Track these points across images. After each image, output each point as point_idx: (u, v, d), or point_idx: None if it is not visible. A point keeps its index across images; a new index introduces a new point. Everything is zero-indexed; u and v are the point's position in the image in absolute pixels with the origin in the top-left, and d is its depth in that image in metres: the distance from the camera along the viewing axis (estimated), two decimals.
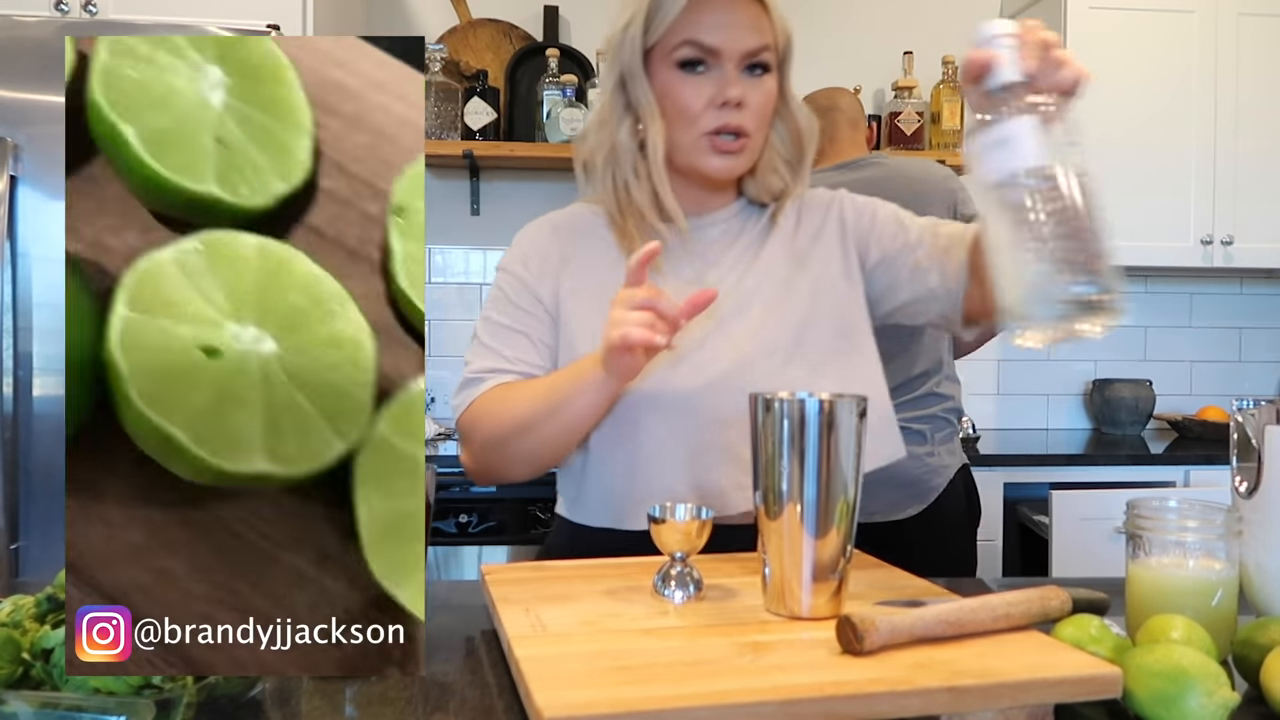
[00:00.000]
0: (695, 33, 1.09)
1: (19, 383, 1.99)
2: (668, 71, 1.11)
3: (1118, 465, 2.63)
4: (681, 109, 1.11)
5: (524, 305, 1.17)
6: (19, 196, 1.98)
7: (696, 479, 1.12)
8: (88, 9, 2.22)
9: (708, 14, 1.09)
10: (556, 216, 1.24)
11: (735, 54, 1.10)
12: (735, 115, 1.10)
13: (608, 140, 1.15)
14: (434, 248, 2.92)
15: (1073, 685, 0.72)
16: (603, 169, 1.17)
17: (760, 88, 1.12)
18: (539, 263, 1.19)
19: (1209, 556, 0.89)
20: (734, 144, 1.12)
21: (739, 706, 0.66)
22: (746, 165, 1.16)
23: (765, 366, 1.13)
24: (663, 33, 1.10)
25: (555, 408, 1.07)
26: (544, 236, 1.21)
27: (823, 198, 1.26)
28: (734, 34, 1.09)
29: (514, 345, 1.16)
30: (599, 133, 1.16)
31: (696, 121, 1.11)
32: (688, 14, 1.09)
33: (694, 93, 1.10)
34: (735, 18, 1.10)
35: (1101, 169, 2.78)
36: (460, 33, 2.90)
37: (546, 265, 1.18)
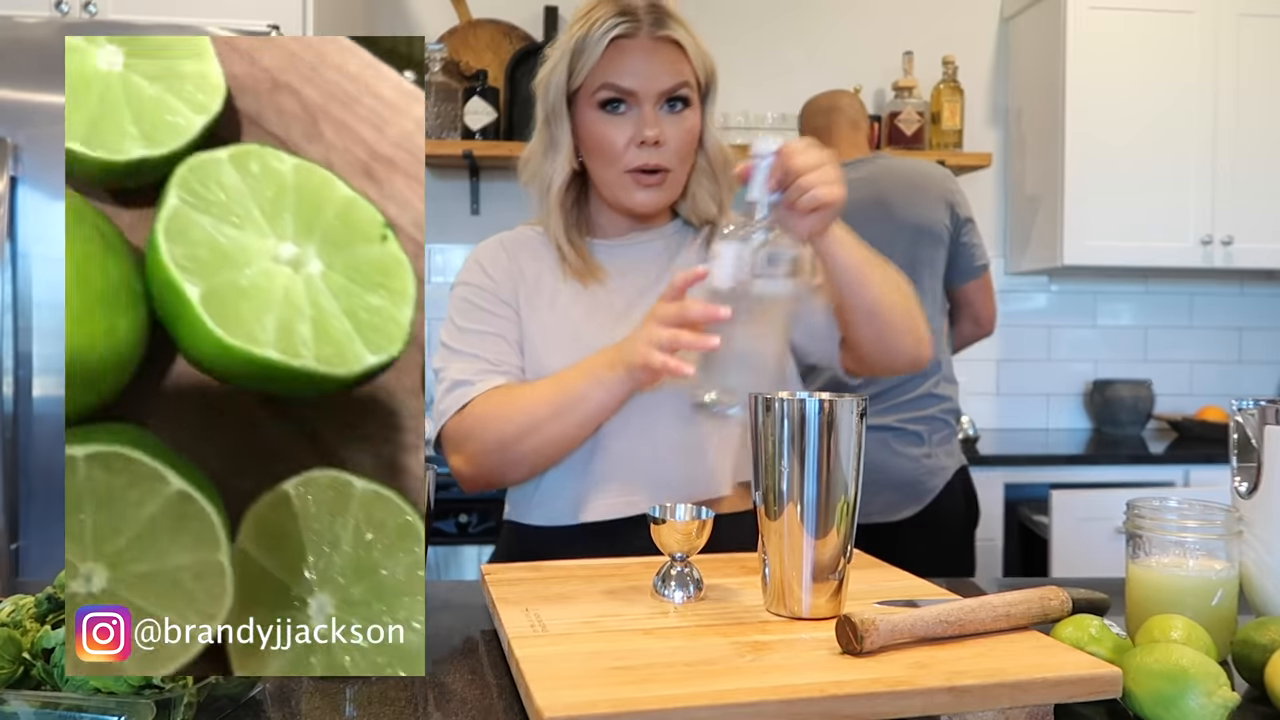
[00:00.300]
0: (614, 77, 1.16)
1: (19, 383, 1.98)
2: (591, 112, 1.18)
3: (1118, 465, 2.63)
4: (604, 148, 1.17)
5: (493, 309, 1.22)
6: (19, 196, 1.98)
7: (650, 472, 1.16)
8: (88, 9, 2.22)
9: (625, 60, 1.16)
10: (504, 236, 1.29)
11: (652, 95, 1.16)
12: (654, 153, 1.17)
13: (538, 171, 1.23)
14: (434, 248, 2.92)
15: (1073, 685, 0.72)
16: (539, 199, 1.24)
17: (680, 124, 1.18)
18: (500, 270, 1.24)
19: (1209, 556, 0.89)
20: (654, 179, 1.18)
21: (739, 706, 0.66)
22: (669, 198, 1.22)
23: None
24: (584, 77, 1.17)
25: (569, 406, 1.10)
26: (497, 250, 1.27)
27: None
28: (650, 78, 1.16)
29: (494, 348, 1.20)
30: (529, 165, 1.25)
31: (619, 159, 1.17)
32: (606, 60, 1.16)
33: (615, 132, 1.17)
34: (651, 62, 1.16)
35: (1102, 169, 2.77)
36: (460, 33, 2.90)
37: (506, 273, 1.24)
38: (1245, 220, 2.82)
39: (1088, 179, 2.77)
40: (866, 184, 2.08)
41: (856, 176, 2.10)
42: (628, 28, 1.15)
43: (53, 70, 1.96)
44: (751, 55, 3.00)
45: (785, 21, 3.02)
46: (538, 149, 1.23)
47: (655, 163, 1.17)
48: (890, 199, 2.06)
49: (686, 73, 1.18)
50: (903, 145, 2.88)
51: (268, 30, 2.10)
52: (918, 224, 2.04)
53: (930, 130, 2.92)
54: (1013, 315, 3.11)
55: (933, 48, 2.99)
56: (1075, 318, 3.18)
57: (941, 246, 2.08)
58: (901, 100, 2.90)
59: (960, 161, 2.87)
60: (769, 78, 2.98)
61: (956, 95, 2.92)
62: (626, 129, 1.16)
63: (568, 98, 1.19)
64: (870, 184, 2.08)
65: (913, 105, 2.88)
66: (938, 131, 2.92)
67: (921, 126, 2.89)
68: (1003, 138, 3.13)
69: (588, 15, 1.17)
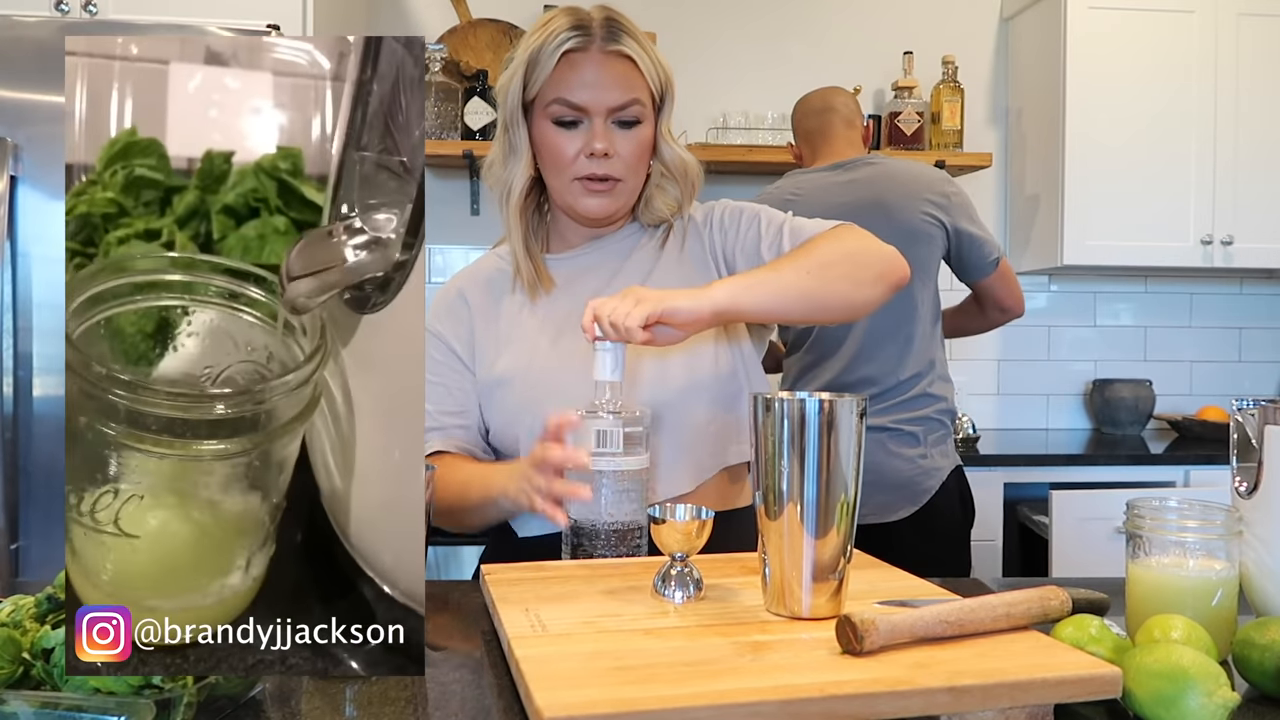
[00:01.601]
0: (565, 91, 1.18)
1: (19, 383, 1.98)
2: (544, 123, 1.21)
3: (1118, 465, 2.63)
4: (554, 157, 1.21)
5: (437, 356, 1.27)
6: (19, 196, 1.98)
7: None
8: (88, 9, 2.22)
9: (577, 73, 1.18)
10: (463, 273, 1.34)
11: (601, 109, 1.19)
12: (603, 164, 1.20)
13: (500, 177, 1.26)
14: (434, 248, 2.92)
15: (1073, 685, 0.72)
16: (500, 204, 1.27)
17: (631, 138, 1.21)
18: (448, 321, 1.29)
19: (1209, 556, 0.89)
20: (603, 186, 1.21)
21: (739, 706, 0.66)
22: (620, 205, 1.25)
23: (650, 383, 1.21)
24: (539, 88, 1.20)
25: (479, 510, 1.17)
26: (451, 295, 1.31)
27: (702, 214, 1.33)
28: (601, 93, 1.18)
29: (436, 399, 1.25)
30: (492, 170, 1.27)
31: (568, 169, 1.21)
32: (559, 73, 1.18)
33: (566, 142, 1.20)
34: (602, 76, 1.18)
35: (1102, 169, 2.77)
36: (460, 33, 2.90)
37: (450, 314, 1.29)
38: (1245, 220, 2.82)
39: (1088, 179, 2.77)
40: (863, 185, 2.08)
41: (853, 178, 2.09)
42: (579, 41, 1.18)
43: (53, 70, 1.96)
44: (751, 55, 3.00)
45: (785, 21, 3.02)
46: (498, 155, 1.26)
47: (604, 172, 1.20)
48: (886, 200, 2.06)
49: (638, 87, 1.20)
50: (903, 145, 2.88)
51: (267, 30, 2.10)
52: (912, 225, 2.04)
53: (930, 130, 2.92)
54: None
55: (933, 48, 2.99)
56: (1075, 317, 3.18)
57: (937, 249, 2.07)
58: (901, 100, 2.90)
59: (960, 161, 2.87)
60: (768, 78, 2.97)
61: (956, 95, 2.92)
62: (577, 141, 1.20)
63: (524, 106, 1.22)
64: (867, 185, 2.08)
65: (913, 105, 2.88)
66: (938, 131, 2.92)
67: (921, 126, 2.89)
68: (1003, 138, 3.13)
69: (545, 26, 1.20)
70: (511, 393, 1.22)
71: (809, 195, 2.09)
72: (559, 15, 1.20)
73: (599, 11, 1.20)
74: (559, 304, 1.26)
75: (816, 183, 2.11)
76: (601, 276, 1.27)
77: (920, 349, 2.05)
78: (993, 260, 2.14)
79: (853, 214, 2.06)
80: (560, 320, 1.24)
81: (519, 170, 1.23)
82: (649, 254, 1.29)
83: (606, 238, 1.30)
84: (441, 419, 1.24)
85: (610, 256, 1.29)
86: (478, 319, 1.28)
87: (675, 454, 1.20)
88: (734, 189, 1.30)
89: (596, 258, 1.29)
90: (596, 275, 1.27)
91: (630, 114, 1.20)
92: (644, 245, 1.30)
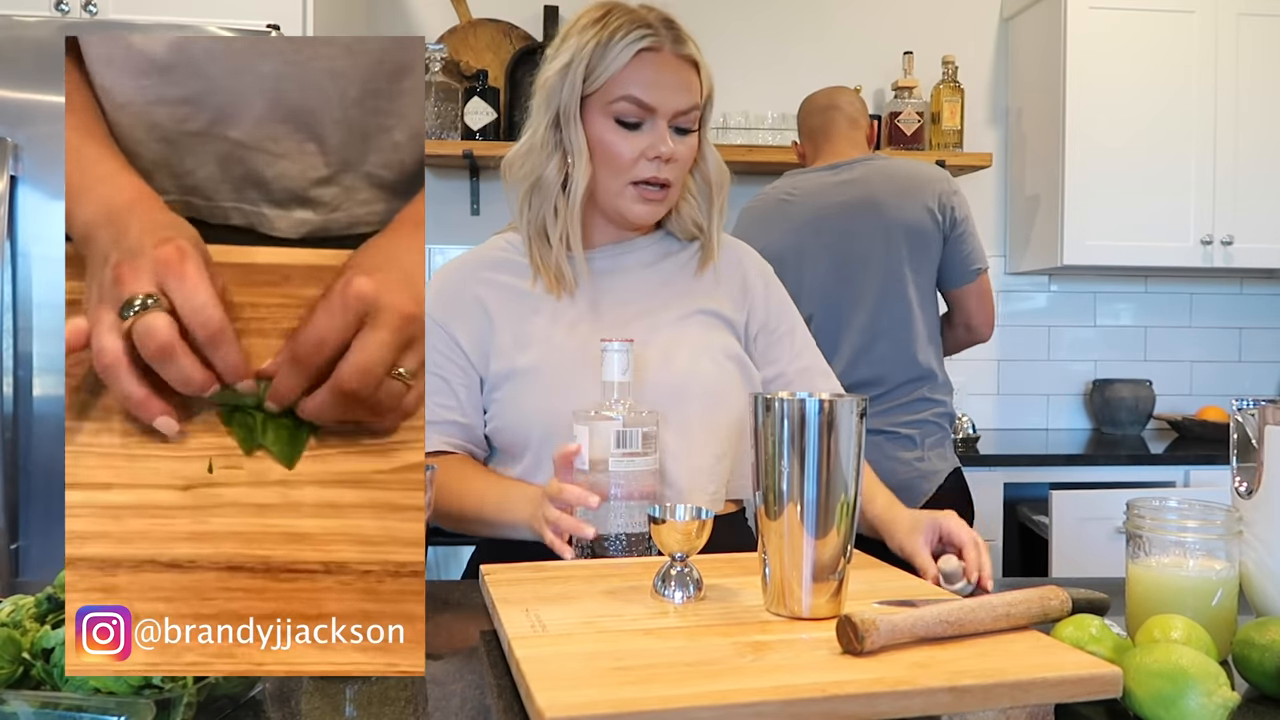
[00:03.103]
0: (636, 90, 1.16)
1: (19, 383, 1.98)
2: (604, 120, 1.17)
3: (1118, 465, 2.63)
4: (614, 158, 1.18)
5: (440, 348, 1.23)
6: (19, 196, 1.98)
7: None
8: (88, 9, 2.22)
9: (651, 72, 1.16)
10: (469, 255, 1.30)
11: (669, 112, 1.17)
12: (664, 169, 1.18)
13: (535, 171, 1.21)
14: (434, 247, 2.92)
15: (1073, 685, 0.72)
16: (524, 198, 1.22)
17: (687, 145, 1.20)
18: (449, 303, 1.24)
19: (1209, 556, 0.89)
20: (658, 194, 1.20)
21: (740, 706, 0.66)
22: (665, 212, 1.25)
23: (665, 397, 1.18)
24: (602, 84, 1.16)
25: (486, 523, 1.16)
26: (454, 277, 1.27)
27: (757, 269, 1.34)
28: (669, 94, 1.16)
29: (431, 391, 1.20)
30: (526, 161, 1.22)
31: (626, 171, 1.18)
32: (628, 70, 1.15)
33: (628, 145, 1.17)
34: (671, 78, 1.17)
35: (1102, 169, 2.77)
36: (460, 33, 2.90)
37: (459, 304, 1.24)
38: (1245, 220, 2.82)
39: (1088, 179, 2.77)
40: (859, 184, 2.08)
41: (848, 178, 2.09)
42: (653, 40, 1.15)
43: (53, 70, 1.95)
44: (751, 55, 3.00)
45: (785, 21, 3.02)
46: (534, 149, 1.21)
47: (664, 178, 1.18)
48: (877, 198, 2.05)
49: (697, 94, 1.19)
50: (903, 145, 2.88)
51: (268, 30, 2.10)
52: (908, 224, 2.03)
53: (930, 130, 2.92)
54: (1013, 315, 3.11)
55: (933, 48, 2.99)
56: (1075, 318, 3.18)
57: (933, 247, 2.06)
58: (901, 100, 2.89)
59: (960, 161, 2.87)
60: (769, 77, 2.97)
61: (956, 95, 2.92)
62: (639, 142, 1.17)
63: (580, 101, 1.18)
64: (863, 184, 2.08)
65: (913, 105, 2.88)
66: (938, 131, 2.92)
67: (921, 126, 2.89)
68: (1003, 138, 3.13)
69: (603, 21, 1.16)
70: (526, 388, 1.19)
71: (804, 195, 2.08)
72: (617, 11, 1.17)
73: (654, 12, 1.18)
74: (580, 301, 1.23)
75: (812, 183, 2.11)
76: (627, 281, 1.26)
77: (918, 353, 2.05)
78: (974, 270, 2.11)
79: (846, 214, 2.07)
80: (579, 317, 1.22)
81: (580, 170, 1.18)
82: (681, 270, 1.28)
83: (633, 240, 1.28)
84: (439, 413, 1.21)
85: (638, 261, 1.27)
86: (492, 312, 1.23)
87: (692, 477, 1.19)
88: (734, 188, 1.30)
89: (623, 260, 1.27)
90: (623, 279, 1.25)
91: (690, 120, 1.19)
92: (674, 257, 1.29)
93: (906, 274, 2.04)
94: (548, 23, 2.94)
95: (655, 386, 1.17)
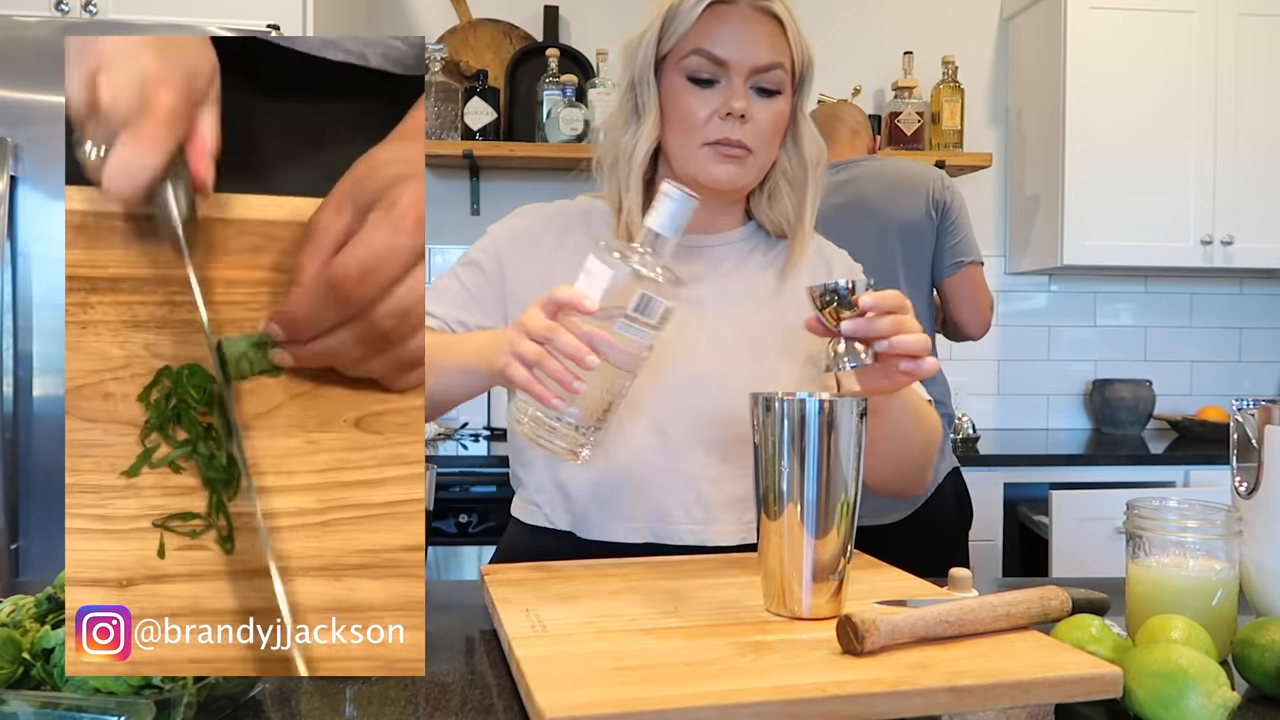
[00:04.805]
0: (707, 43, 1.08)
1: (19, 383, 1.98)
2: (677, 79, 1.10)
3: (1118, 465, 2.63)
4: (684, 117, 1.09)
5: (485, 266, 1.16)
6: (19, 196, 1.98)
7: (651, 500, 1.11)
8: (88, 9, 2.22)
9: (720, 26, 1.08)
10: (562, 204, 1.22)
11: (744, 67, 1.08)
12: (737, 129, 1.08)
13: (615, 143, 1.15)
14: (434, 247, 2.92)
15: (1073, 685, 0.72)
16: (608, 172, 1.16)
17: (769, 108, 1.10)
18: (524, 243, 1.17)
19: (1209, 556, 0.89)
20: (735, 151, 1.09)
21: (740, 706, 0.66)
22: (750, 179, 1.13)
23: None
24: (675, 41, 1.09)
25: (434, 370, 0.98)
26: (541, 221, 1.20)
27: (821, 253, 1.24)
28: (745, 48, 1.08)
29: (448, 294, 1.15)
30: (609, 135, 1.16)
31: (699, 131, 1.09)
32: (701, 25, 1.08)
33: (699, 102, 1.09)
34: (747, 32, 1.08)
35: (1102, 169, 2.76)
36: (460, 33, 2.90)
37: (533, 248, 1.16)
38: (1245, 220, 2.82)
39: (1088, 179, 2.77)
40: (852, 185, 2.08)
41: (843, 178, 2.09)
42: None
43: (53, 70, 1.95)
44: None
45: None
46: (618, 121, 1.15)
47: (738, 138, 1.08)
48: (870, 198, 2.05)
49: (782, 52, 1.10)
50: (903, 145, 2.88)
51: (268, 30, 2.10)
52: (901, 223, 2.03)
53: (930, 130, 2.92)
54: (1013, 315, 3.11)
55: (933, 48, 2.99)
56: (1075, 317, 3.18)
57: (926, 244, 2.07)
58: (901, 100, 2.89)
59: (960, 161, 2.87)
60: None
61: (956, 95, 2.92)
62: (711, 101, 1.08)
63: (656, 63, 1.11)
64: (855, 185, 2.08)
65: (913, 105, 2.88)
66: (938, 131, 2.92)
67: (921, 126, 2.89)
68: (1003, 138, 3.13)
69: None
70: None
71: None
72: None
73: None
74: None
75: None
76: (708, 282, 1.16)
77: None
78: (957, 261, 2.10)
79: (838, 215, 2.07)
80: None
81: (645, 131, 1.11)
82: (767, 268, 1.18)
83: (717, 235, 1.18)
84: (445, 314, 1.13)
85: (721, 259, 1.18)
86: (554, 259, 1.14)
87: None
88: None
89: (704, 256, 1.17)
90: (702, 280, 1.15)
91: (772, 80, 1.09)
92: (762, 253, 1.19)
93: (900, 273, 2.04)
94: (548, 23, 2.95)
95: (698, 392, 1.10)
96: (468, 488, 2.37)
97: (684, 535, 1.11)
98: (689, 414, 1.11)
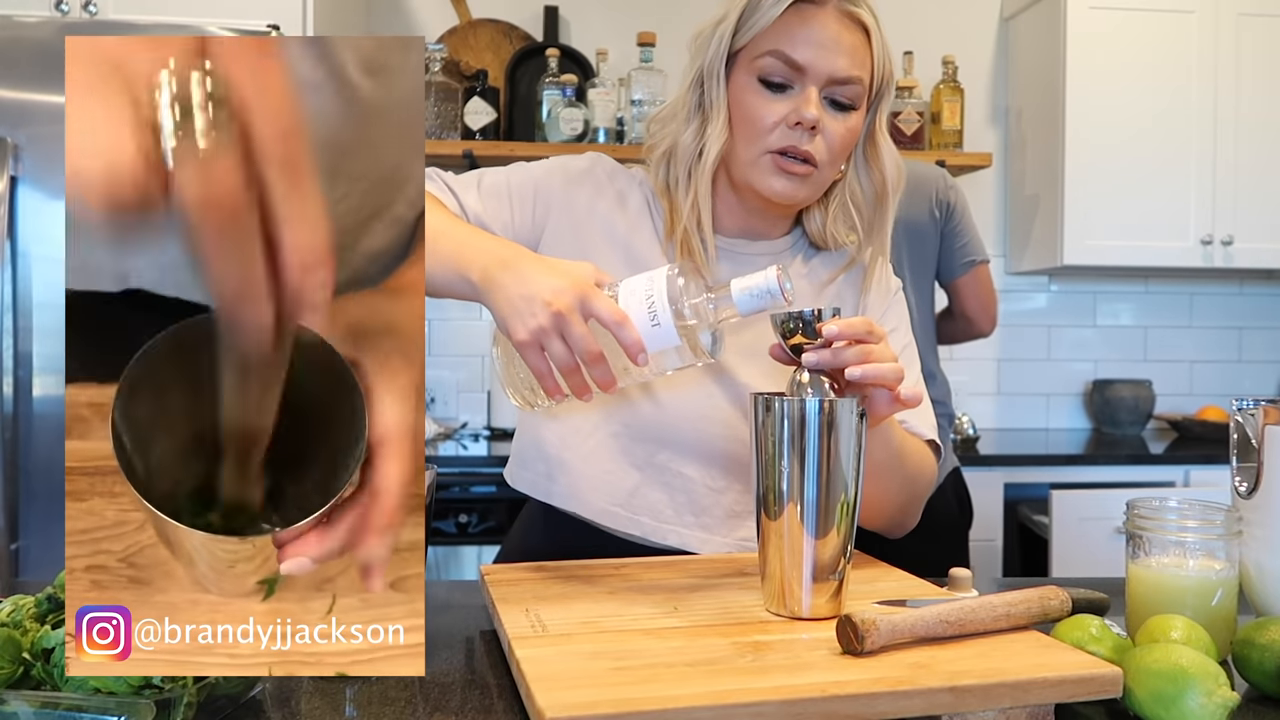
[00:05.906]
0: (784, 44, 1.00)
1: (19, 383, 1.98)
2: (748, 79, 1.03)
3: (1118, 465, 2.63)
4: (751, 120, 1.02)
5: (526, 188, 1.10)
6: (19, 196, 1.98)
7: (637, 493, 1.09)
8: (88, 9, 2.22)
9: (803, 28, 1.00)
10: (612, 166, 1.15)
11: (821, 75, 1.00)
12: (806, 139, 1.01)
13: (672, 136, 1.08)
14: None
15: (1073, 685, 0.72)
16: (658, 162, 1.10)
17: (842, 123, 1.03)
18: (560, 191, 1.11)
19: (1209, 556, 0.89)
20: (800, 167, 1.02)
21: (740, 706, 0.66)
22: (808, 196, 1.07)
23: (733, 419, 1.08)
24: (752, 37, 1.02)
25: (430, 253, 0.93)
26: (588, 179, 1.13)
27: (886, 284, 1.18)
28: (826, 56, 1.00)
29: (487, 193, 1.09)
30: (666, 125, 1.10)
31: (763, 137, 1.02)
32: (782, 23, 1.00)
33: (768, 107, 1.01)
34: (831, 39, 1.00)
35: (1102, 169, 2.76)
36: (460, 33, 2.90)
37: (568, 200, 1.11)
38: (1245, 220, 2.82)
39: (1088, 179, 2.77)
40: None
41: None
42: None
43: (53, 70, 1.96)
44: None
45: None
46: (674, 113, 1.08)
47: (805, 150, 1.01)
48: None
49: (864, 65, 1.02)
50: (903, 145, 2.88)
51: (268, 30, 2.10)
52: (905, 225, 2.03)
53: (930, 130, 2.92)
54: (1013, 315, 3.11)
55: (933, 48, 2.99)
56: (1075, 318, 3.18)
57: (930, 245, 2.07)
58: (901, 100, 2.89)
59: (960, 161, 2.87)
60: None
61: (956, 95, 2.92)
62: (781, 107, 1.01)
63: (728, 58, 1.04)
64: None
65: (913, 105, 2.88)
66: (938, 131, 2.92)
67: (921, 126, 2.89)
68: (1003, 138, 3.13)
69: None
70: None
71: None
72: None
73: None
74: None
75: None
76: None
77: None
78: (967, 261, 2.12)
79: None
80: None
81: (713, 134, 1.03)
82: (801, 279, 1.11)
83: (763, 242, 1.12)
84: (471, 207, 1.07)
85: (761, 260, 1.08)
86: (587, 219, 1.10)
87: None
88: None
89: (746, 263, 1.07)
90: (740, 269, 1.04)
91: (849, 94, 1.02)
92: (801, 261, 1.13)
93: (905, 275, 2.04)
94: (548, 23, 2.95)
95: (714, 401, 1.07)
96: (468, 488, 2.37)
97: (665, 534, 1.09)
98: (699, 424, 1.08)
